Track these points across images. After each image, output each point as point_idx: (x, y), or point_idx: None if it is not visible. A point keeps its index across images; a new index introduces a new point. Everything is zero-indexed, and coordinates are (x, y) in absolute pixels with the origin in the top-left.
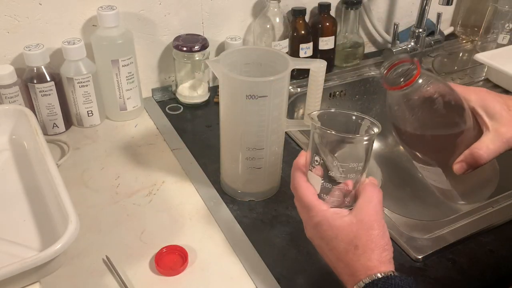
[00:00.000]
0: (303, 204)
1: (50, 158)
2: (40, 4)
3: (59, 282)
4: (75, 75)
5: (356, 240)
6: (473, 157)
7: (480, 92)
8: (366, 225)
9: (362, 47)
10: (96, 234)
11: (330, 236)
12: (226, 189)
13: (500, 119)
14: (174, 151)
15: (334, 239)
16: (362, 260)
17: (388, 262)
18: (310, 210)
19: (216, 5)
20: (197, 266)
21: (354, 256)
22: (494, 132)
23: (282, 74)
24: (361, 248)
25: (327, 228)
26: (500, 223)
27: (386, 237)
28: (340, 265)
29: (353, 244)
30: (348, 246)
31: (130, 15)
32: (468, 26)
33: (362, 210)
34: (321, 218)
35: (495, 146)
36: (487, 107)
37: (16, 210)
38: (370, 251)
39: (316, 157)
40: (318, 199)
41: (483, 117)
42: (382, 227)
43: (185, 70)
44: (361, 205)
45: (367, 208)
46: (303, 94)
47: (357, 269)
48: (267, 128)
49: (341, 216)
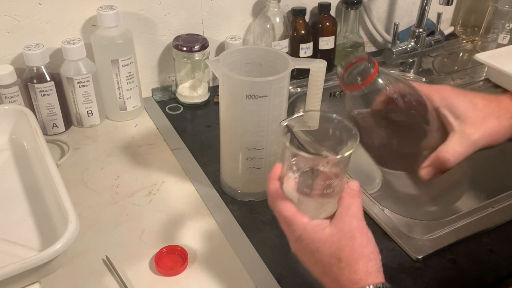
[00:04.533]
0: (283, 219)
1: (50, 158)
2: (40, 4)
3: (59, 282)
4: (75, 75)
5: (338, 251)
6: (440, 161)
7: (444, 92)
8: (347, 235)
9: (362, 47)
10: (96, 234)
11: (312, 249)
12: (226, 189)
13: (466, 120)
14: (174, 151)
15: (316, 253)
16: (347, 274)
17: (376, 272)
18: (290, 225)
19: (216, 5)
20: (197, 266)
21: (338, 270)
22: (461, 133)
23: (282, 74)
24: (344, 260)
25: (309, 241)
26: (500, 223)
27: (371, 245)
28: (326, 280)
29: (336, 256)
30: (331, 259)
31: (130, 15)
32: (468, 26)
33: (342, 219)
34: (302, 232)
35: (462, 148)
36: (452, 106)
37: (16, 210)
38: (354, 262)
39: (289, 173)
40: (297, 212)
41: (448, 118)
42: (364, 235)
43: (185, 70)
44: (340, 215)
45: (346, 217)
46: (303, 94)
47: (343, 284)
48: (267, 128)
49: (322, 228)
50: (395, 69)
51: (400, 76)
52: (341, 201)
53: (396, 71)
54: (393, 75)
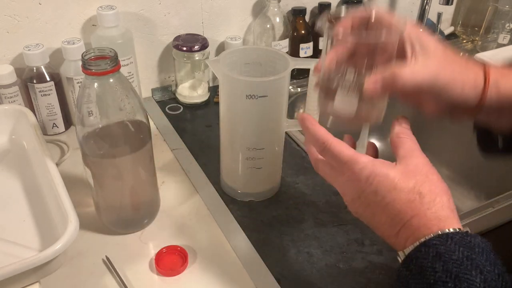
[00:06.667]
0: (342, 160)
1: (50, 158)
2: (40, 4)
3: (59, 282)
4: (74, 75)
5: (418, 187)
6: (392, 78)
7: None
8: (422, 171)
9: None
10: (96, 234)
11: (387, 187)
12: (226, 189)
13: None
14: (174, 151)
15: (393, 190)
16: (433, 208)
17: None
18: (354, 164)
19: (216, 5)
20: (197, 266)
21: (422, 205)
22: (424, 62)
23: (282, 74)
24: (427, 195)
25: (382, 178)
26: (500, 223)
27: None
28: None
29: (417, 191)
30: (410, 195)
31: (130, 15)
32: (469, 26)
33: (410, 158)
34: (371, 169)
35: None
36: (422, 39)
37: (16, 210)
38: (438, 197)
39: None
40: (357, 152)
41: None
42: (436, 171)
43: (185, 70)
44: (405, 154)
45: (413, 156)
46: (303, 94)
47: (429, 219)
48: (267, 128)
49: (392, 165)
50: None
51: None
52: (399, 141)
53: None
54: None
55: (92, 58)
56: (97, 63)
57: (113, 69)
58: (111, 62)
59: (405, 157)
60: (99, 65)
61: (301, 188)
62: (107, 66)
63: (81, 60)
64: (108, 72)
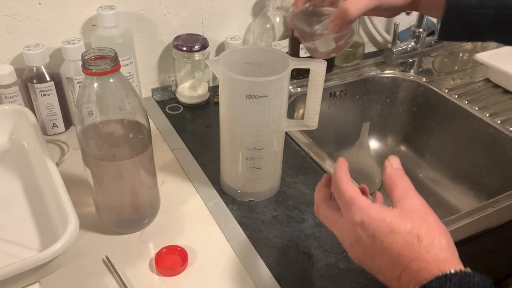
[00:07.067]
0: (345, 199)
1: (50, 158)
2: (40, 4)
3: (59, 282)
4: (74, 75)
5: (416, 230)
6: (343, 13)
7: None
8: (419, 213)
9: (362, 47)
10: (96, 234)
11: (384, 230)
12: (226, 189)
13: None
14: (174, 151)
15: (390, 234)
16: (432, 252)
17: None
18: (352, 205)
19: (216, 5)
20: (197, 266)
21: (420, 249)
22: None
23: (282, 74)
24: (425, 238)
25: (379, 222)
26: (500, 223)
27: (441, 223)
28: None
29: (415, 235)
30: (409, 238)
31: (130, 15)
32: None
33: (405, 200)
34: (368, 213)
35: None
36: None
37: (16, 210)
38: (436, 240)
39: None
40: (360, 194)
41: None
42: (433, 212)
43: (185, 70)
44: (400, 197)
45: (408, 197)
46: (303, 94)
47: (428, 262)
48: (267, 128)
49: (388, 209)
50: (395, 69)
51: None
52: (393, 183)
53: (396, 71)
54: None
55: (92, 58)
56: (97, 63)
57: (113, 69)
58: (111, 62)
59: (400, 200)
60: (99, 65)
61: (301, 188)
62: (107, 66)
63: (81, 60)
64: (108, 72)
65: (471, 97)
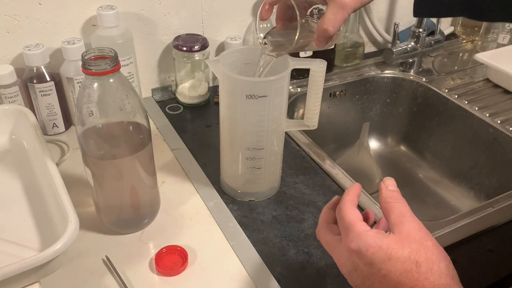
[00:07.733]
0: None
1: (50, 158)
2: (40, 4)
3: (59, 282)
4: (75, 75)
5: (414, 256)
6: (323, 32)
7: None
8: (416, 238)
9: (362, 47)
10: (96, 234)
11: (381, 258)
12: (226, 189)
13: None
14: (174, 151)
15: (388, 261)
16: (431, 278)
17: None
18: (350, 231)
19: (216, 5)
20: (197, 266)
21: (419, 275)
22: (333, 3)
23: (282, 74)
24: (424, 264)
25: (376, 249)
26: (500, 223)
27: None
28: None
29: (413, 261)
30: (407, 265)
31: (130, 15)
32: (468, 26)
33: (402, 224)
34: (364, 240)
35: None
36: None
37: (16, 210)
38: (435, 266)
39: None
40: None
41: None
42: (431, 236)
43: (185, 70)
44: (397, 221)
45: (405, 221)
46: (303, 94)
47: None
48: (267, 128)
49: (385, 235)
50: (395, 69)
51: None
52: (389, 206)
53: (396, 71)
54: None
55: (92, 58)
56: (97, 63)
57: (113, 69)
58: (111, 62)
59: (397, 224)
60: (99, 65)
61: (301, 188)
62: (107, 66)
63: (81, 60)
64: (108, 72)
65: (471, 97)
